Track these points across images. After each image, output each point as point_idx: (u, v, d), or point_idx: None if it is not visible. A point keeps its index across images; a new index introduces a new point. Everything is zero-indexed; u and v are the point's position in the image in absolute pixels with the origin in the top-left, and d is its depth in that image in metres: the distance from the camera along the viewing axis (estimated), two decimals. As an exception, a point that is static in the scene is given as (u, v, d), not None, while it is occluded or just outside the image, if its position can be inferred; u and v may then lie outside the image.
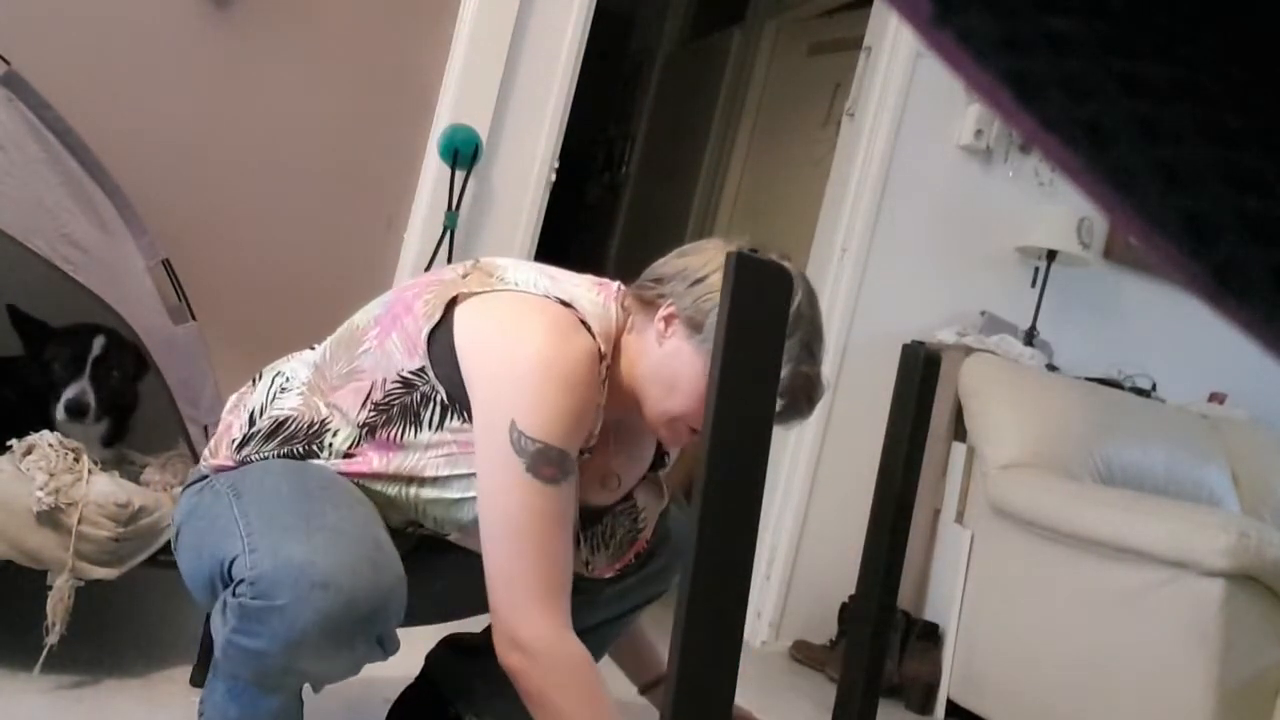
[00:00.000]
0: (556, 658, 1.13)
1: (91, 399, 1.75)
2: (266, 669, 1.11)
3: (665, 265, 1.27)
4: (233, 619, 1.09)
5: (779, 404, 1.20)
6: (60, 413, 1.72)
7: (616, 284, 1.32)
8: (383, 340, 1.26)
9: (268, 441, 1.27)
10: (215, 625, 1.14)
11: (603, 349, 1.22)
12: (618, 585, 1.44)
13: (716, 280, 1.20)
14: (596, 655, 1.55)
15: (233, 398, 1.40)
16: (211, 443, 1.36)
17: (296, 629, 1.06)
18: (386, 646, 1.16)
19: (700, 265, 1.24)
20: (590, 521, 1.39)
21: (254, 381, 1.38)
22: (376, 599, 1.09)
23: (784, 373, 1.18)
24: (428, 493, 1.24)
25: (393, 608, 1.12)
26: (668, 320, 1.23)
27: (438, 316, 1.22)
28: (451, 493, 1.23)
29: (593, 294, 1.28)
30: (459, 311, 1.22)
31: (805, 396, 1.23)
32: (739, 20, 4.58)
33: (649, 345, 1.25)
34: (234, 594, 1.09)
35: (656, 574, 1.46)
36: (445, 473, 1.23)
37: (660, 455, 1.46)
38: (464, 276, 1.27)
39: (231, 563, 1.12)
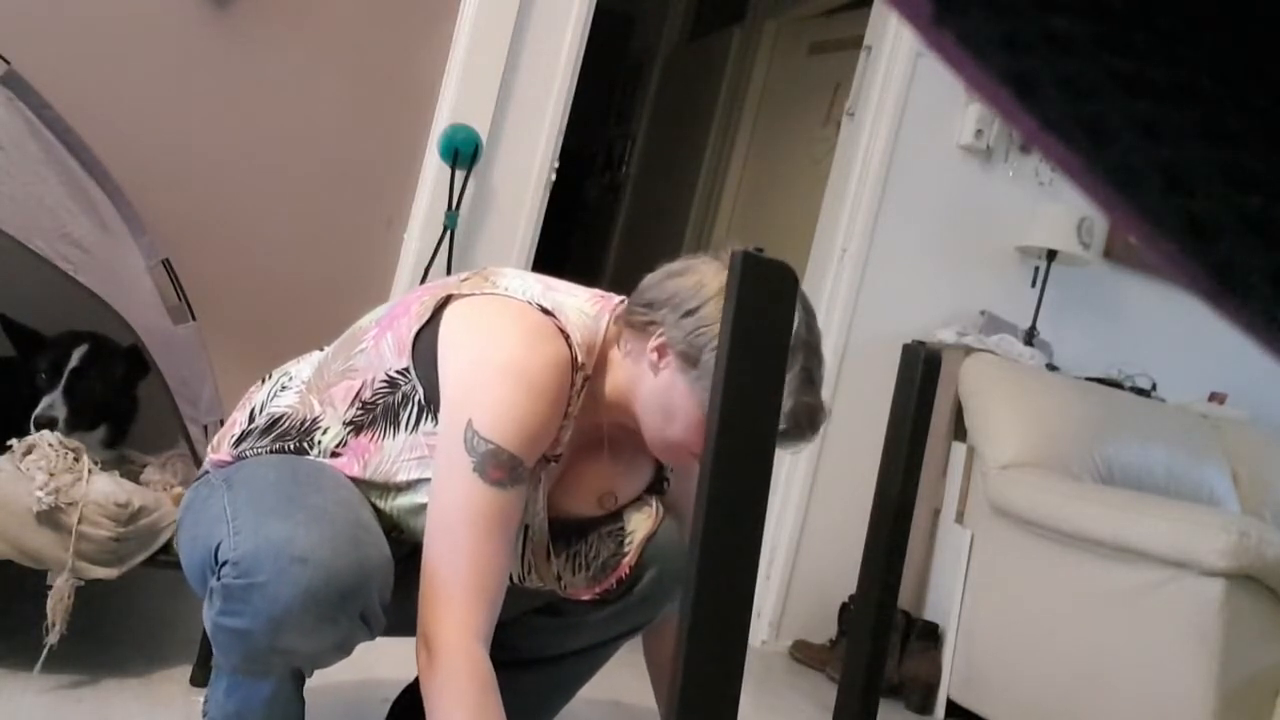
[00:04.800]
0: (456, 664, 1.10)
1: (60, 413, 1.72)
2: (252, 649, 1.11)
3: (655, 288, 1.24)
4: (218, 601, 1.10)
5: (782, 427, 1.19)
6: (31, 426, 1.70)
7: (620, 299, 1.31)
8: (378, 340, 1.27)
9: (262, 438, 1.29)
10: (205, 612, 1.15)
11: (580, 359, 1.21)
12: (603, 611, 1.42)
13: (709, 312, 1.18)
14: (580, 681, 1.54)
15: (245, 396, 1.41)
16: (215, 439, 1.37)
17: (278, 605, 1.06)
18: (372, 625, 1.15)
19: (692, 291, 1.21)
20: (574, 539, 1.37)
21: (263, 380, 1.40)
22: (358, 573, 1.10)
23: (787, 406, 1.16)
24: (402, 500, 1.25)
25: (374, 583, 1.12)
26: (660, 351, 1.22)
27: (427, 316, 1.23)
28: (421, 497, 1.23)
29: (586, 305, 1.27)
30: (446, 313, 1.22)
31: (809, 423, 1.21)
32: (739, 20, 4.58)
33: (643, 373, 1.24)
34: (219, 577, 1.11)
35: (641, 602, 1.43)
36: (416, 476, 1.23)
37: (660, 479, 1.45)
38: (462, 281, 1.27)
39: (218, 548, 1.13)
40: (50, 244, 1.57)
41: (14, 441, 1.62)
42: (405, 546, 1.30)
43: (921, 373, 1.07)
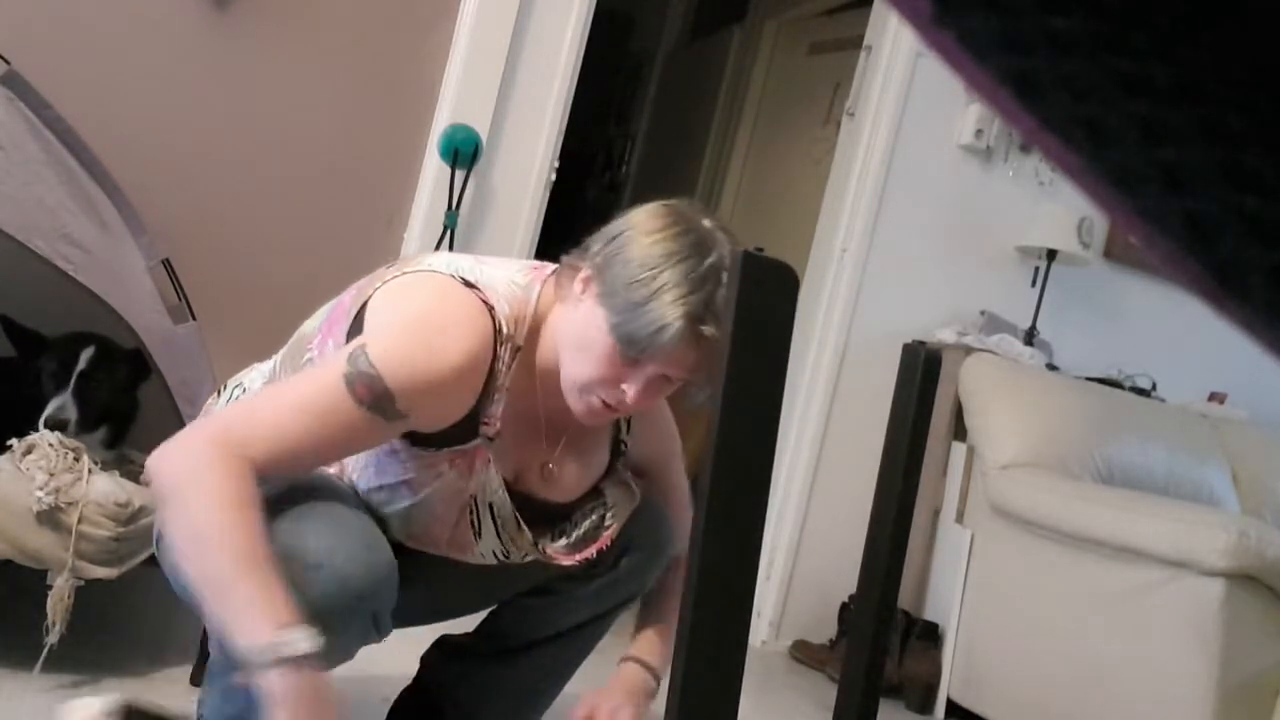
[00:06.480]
0: (217, 461, 1.02)
1: (72, 414, 1.72)
2: None
3: (595, 234, 1.24)
4: None
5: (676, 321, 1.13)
6: (41, 427, 1.70)
7: (554, 267, 1.28)
8: (322, 347, 1.25)
9: None
10: (209, 620, 1.14)
11: (507, 330, 1.18)
12: (591, 585, 1.41)
13: (629, 236, 1.17)
14: (577, 660, 1.53)
15: (202, 409, 1.40)
16: None
17: None
18: (381, 628, 1.15)
19: (619, 225, 1.20)
20: (558, 520, 1.37)
21: (218, 392, 1.38)
22: (371, 578, 1.09)
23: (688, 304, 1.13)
24: (387, 510, 1.24)
25: (386, 587, 1.12)
26: (585, 283, 1.19)
27: (355, 312, 1.21)
28: (399, 503, 1.23)
29: (517, 276, 1.24)
30: (369, 303, 1.20)
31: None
32: (739, 20, 4.58)
33: (568, 314, 1.21)
34: None
35: (629, 574, 1.42)
36: (376, 483, 1.22)
37: (617, 443, 1.43)
38: (389, 268, 1.25)
39: None
40: (50, 244, 1.57)
41: (14, 441, 1.61)
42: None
43: (921, 373, 1.07)
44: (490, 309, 1.18)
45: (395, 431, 1.15)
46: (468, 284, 1.18)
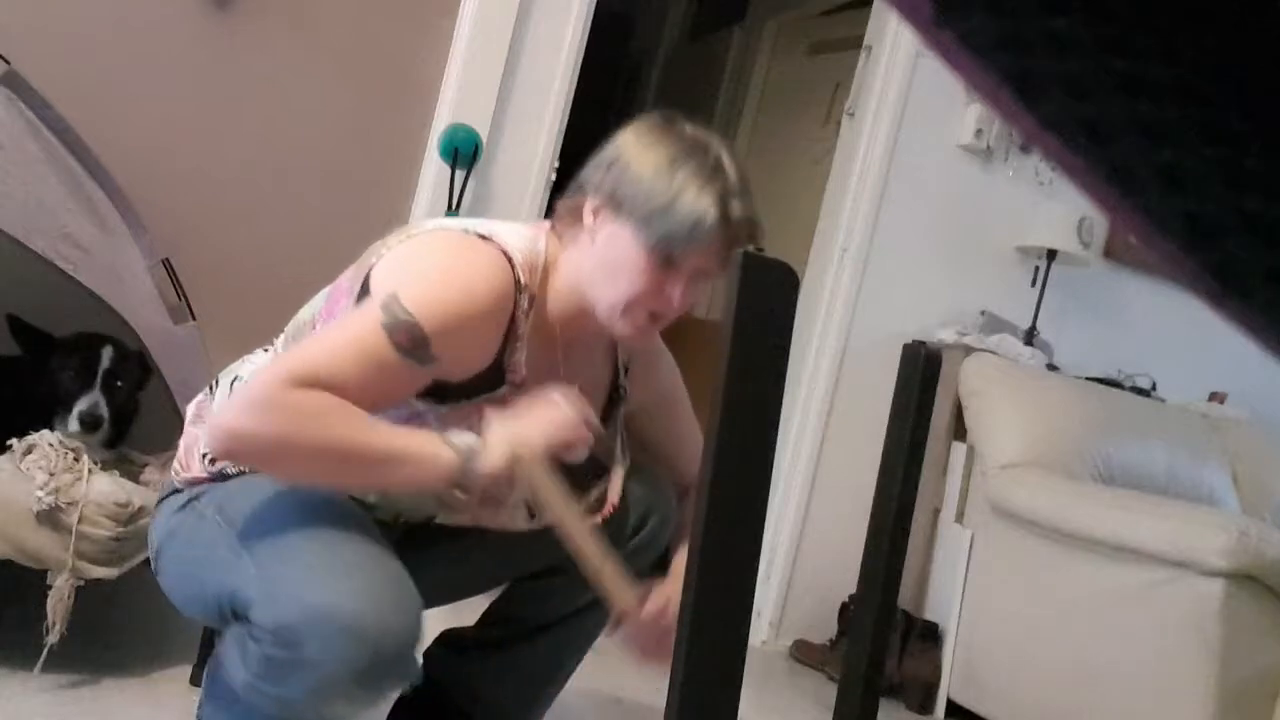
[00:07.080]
0: (298, 398, 1.03)
1: (105, 411, 1.74)
2: (293, 714, 1.09)
3: (583, 170, 1.26)
4: (257, 667, 1.06)
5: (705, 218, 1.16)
6: (74, 424, 1.71)
7: (549, 222, 1.31)
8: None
9: None
10: (232, 660, 1.10)
11: (523, 279, 1.20)
12: None
13: (628, 156, 1.19)
14: (585, 644, 1.53)
15: (191, 407, 1.35)
16: (180, 454, 1.30)
17: (325, 679, 1.03)
18: (411, 677, 1.13)
19: (611, 152, 1.22)
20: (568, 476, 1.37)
21: (211, 389, 1.34)
22: (403, 638, 1.06)
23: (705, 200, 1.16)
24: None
25: (414, 642, 1.09)
26: (595, 213, 1.21)
27: (358, 288, 1.20)
28: None
29: (523, 229, 1.26)
30: (377, 269, 1.19)
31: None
32: (739, 20, 4.58)
33: (584, 250, 1.23)
34: (253, 638, 1.06)
35: (645, 546, 1.43)
36: None
37: (616, 388, 1.42)
38: (384, 241, 1.24)
39: (238, 595, 1.09)
40: (51, 244, 1.57)
41: (14, 441, 1.61)
42: (396, 532, 1.29)
43: (921, 373, 1.07)
44: (509, 258, 1.19)
45: (425, 379, 1.15)
46: (482, 238, 1.19)
